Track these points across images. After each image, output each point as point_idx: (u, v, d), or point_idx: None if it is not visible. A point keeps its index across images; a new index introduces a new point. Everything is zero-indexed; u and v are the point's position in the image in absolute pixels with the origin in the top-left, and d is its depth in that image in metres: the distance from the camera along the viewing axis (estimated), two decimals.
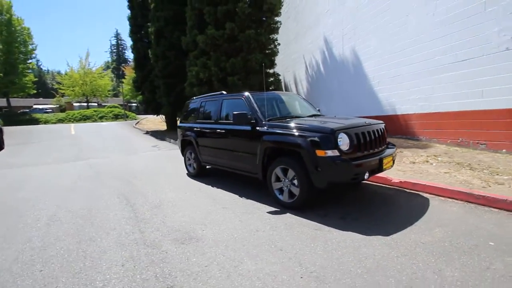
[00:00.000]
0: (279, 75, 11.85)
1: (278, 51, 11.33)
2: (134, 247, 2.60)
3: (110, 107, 31.51)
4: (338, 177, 2.97)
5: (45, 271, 2.27)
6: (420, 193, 3.67)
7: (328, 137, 2.95)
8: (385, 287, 1.84)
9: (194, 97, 5.92)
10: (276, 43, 11.39)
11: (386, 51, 7.44)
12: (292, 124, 3.37)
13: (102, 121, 26.76)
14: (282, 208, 3.39)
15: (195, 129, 5.18)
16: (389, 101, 7.42)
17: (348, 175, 2.95)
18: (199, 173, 5.32)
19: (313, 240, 2.54)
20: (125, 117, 28.94)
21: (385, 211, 3.19)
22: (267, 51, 11.20)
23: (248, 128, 3.90)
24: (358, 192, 3.94)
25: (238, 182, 4.77)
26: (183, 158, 5.87)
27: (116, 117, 28.57)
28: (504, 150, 4.90)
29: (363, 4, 8.26)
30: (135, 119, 27.77)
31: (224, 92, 4.98)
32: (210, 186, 4.66)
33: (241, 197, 3.98)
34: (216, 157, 4.71)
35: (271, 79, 11.60)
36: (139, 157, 8.48)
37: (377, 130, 3.38)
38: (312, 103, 5.58)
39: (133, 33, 17.52)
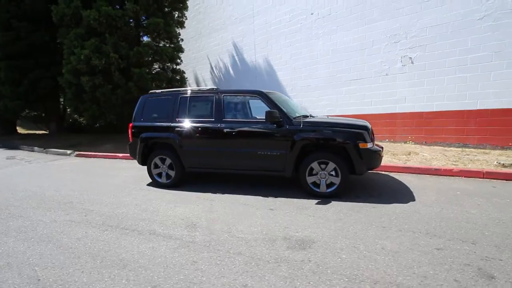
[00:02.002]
0: (184, 72, 11.25)
1: (183, 47, 10.73)
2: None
3: None
4: (374, 164, 3.76)
5: None
6: (382, 172, 5.17)
7: (367, 132, 3.68)
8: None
9: (156, 91, 4.82)
10: (180, 38, 10.77)
11: (298, 65, 9.10)
12: (330, 122, 3.82)
13: None
14: (319, 198, 3.76)
15: (177, 129, 4.33)
16: (303, 105, 9.15)
17: (379, 162, 3.81)
18: (177, 183, 4.49)
19: (378, 212, 3.19)
20: None
21: (374, 188, 4.34)
22: (174, 45, 10.36)
23: (273, 126, 3.92)
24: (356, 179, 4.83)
25: (228, 183, 4.60)
26: (143, 166, 4.72)
27: None
28: (386, 140, 7.60)
29: (274, 22, 9.58)
30: None
31: (215, 87, 4.51)
32: (211, 194, 4.15)
33: (268, 197, 3.93)
34: (215, 160, 4.24)
35: (177, 76, 10.84)
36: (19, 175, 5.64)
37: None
38: None
39: None
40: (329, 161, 3.73)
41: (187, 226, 3.03)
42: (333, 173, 3.76)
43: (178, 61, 10.82)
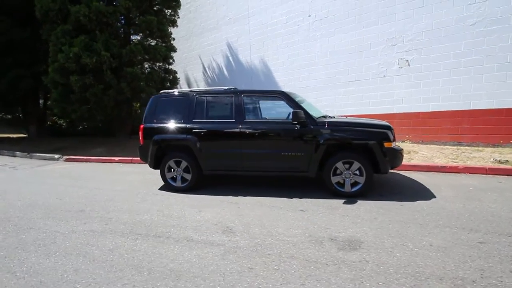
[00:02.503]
0: (176, 72, 10.95)
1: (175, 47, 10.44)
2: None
3: None
4: (397, 163, 3.86)
5: None
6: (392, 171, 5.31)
7: (391, 132, 3.77)
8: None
9: (168, 91, 4.63)
10: (171, 37, 10.47)
11: (296, 66, 9.18)
12: (354, 122, 3.87)
13: None
14: (344, 198, 3.79)
15: (196, 130, 4.17)
16: (275, 109, 9.24)
17: (401, 161, 3.92)
18: (192, 186, 4.32)
19: (408, 210, 3.27)
20: None
21: (392, 186, 4.46)
22: (166, 44, 10.04)
23: (297, 126, 3.90)
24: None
25: (244, 185, 4.52)
26: (155, 170, 4.50)
27: None
28: None
29: (271, 23, 9.59)
30: None
31: (233, 87, 4.40)
32: (232, 197, 4.05)
33: (292, 198, 3.89)
34: (237, 161, 4.13)
35: (170, 76, 10.52)
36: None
37: None
38: None
39: None
40: (354, 160, 3.77)
41: (223, 231, 2.91)
42: (357, 172, 3.80)
43: (171, 60, 10.50)
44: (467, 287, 1.90)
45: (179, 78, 11.42)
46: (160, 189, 4.59)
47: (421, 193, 3.95)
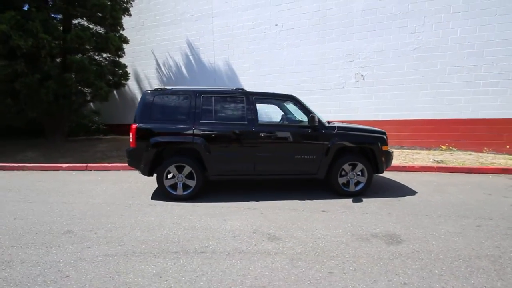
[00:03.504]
0: (126, 66, 9.77)
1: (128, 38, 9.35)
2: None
3: None
4: (389, 164, 4.39)
5: None
6: None
7: (386, 137, 4.27)
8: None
9: (165, 88, 4.09)
10: (123, 27, 9.33)
11: (262, 71, 9.37)
12: (358, 127, 4.23)
13: None
14: (348, 197, 4.10)
15: (204, 132, 3.83)
16: (265, 111, 9.43)
17: (391, 162, 4.46)
18: (195, 194, 3.94)
19: (407, 204, 3.80)
20: None
21: (376, 185, 5.06)
22: (118, 34, 8.88)
23: (309, 130, 4.04)
24: None
25: (244, 190, 4.45)
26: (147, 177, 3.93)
27: None
28: None
29: (237, 26, 9.55)
30: None
31: (240, 88, 4.21)
32: (244, 202, 3.89)
33: (304, 200, 4.00)
34: (249, 165, 3.98)
35: (120, 70, 9.34)
36: None
37: None
38: None
39: None
40: (358, 162, 4.14)
41: (268, 238, 2.78)
42: (359, 173, 4.18)
43: (121, 53, 9.27)
44: (500, 261, 2.36)
45: (129, 73, 10.16)
46: (154, 199, 4.01)
47: (404, 189, 4.60)
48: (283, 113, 5.00)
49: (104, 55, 8.93)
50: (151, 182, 4.92)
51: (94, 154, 7.19)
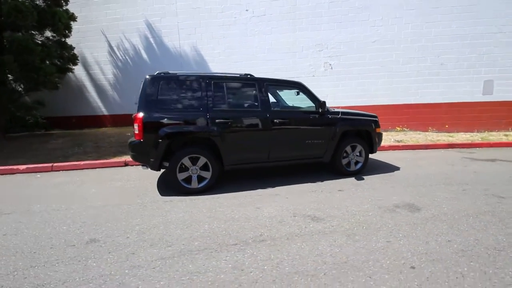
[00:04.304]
0: (74, 48, 8.44)
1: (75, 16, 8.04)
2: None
3: None
4: (380, 144, 4.87)
5: None
6: None
7: (378, 120, 4.73)
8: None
9: (168, 72, 3.68)
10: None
11: (234, 58, 9.13)
12: (356, 112, 4.56)
13: None
14: (349, 176, 4.47)
15: (219, 121, 3.63)
16: None
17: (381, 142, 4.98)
18: (211, 186, 3.77)
19: (401, 178, 4.36)
20: None
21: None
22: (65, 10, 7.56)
23: (316, 115, 4.21)
24: None
25: (251, 178, 4.49)
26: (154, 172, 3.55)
27: None
28: None
29: (204, 9, 9.00)
30: None
31: (249, 74, 4.07)
32: (261, 190, 3.91)
33: (315, 182, 4.20)
34: (263, 153, 3.98)
35: (66, 53, 8.04)
36: None
37: None
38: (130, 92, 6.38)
39: None
40: (357, 144, 4.51)
41: (313, 220, 2.89)
42: (358, 154, 4.58)
43: (68, 32, 7.87)
44: (497, 215, 2.95)
45: (78, 57, 8.72)
46: (164, 195, 3.68)
47: (388, 166, 5.21)
48: (277, 100, 5.05)
49: (48, 34, 7.42)
50: (145, 178, 4.50)
51: (52, 152, 6.07)
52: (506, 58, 8.17)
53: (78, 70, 9.82)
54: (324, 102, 4.14)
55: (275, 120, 3.95)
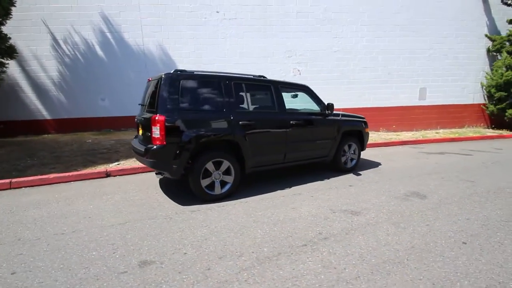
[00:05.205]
0: (10, 38, 6.99)
1: None
2: None
3: None
4: (367, 142, 5.41)
5: None
6: None
7: (366, 121, 5.25)
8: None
9: (186, 70, 3.37)
10: None
11: (205, 60, 8.79)
12: (349, 114, 4.97)
13: None
14: (346, 173, 4.87)
15: (243, 122, 3.51)
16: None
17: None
18: (234, 191, 3.63)
19: (391, 171, 4.96)
20: None
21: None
22: None
23: (322, 117, 4.46)
24: None
25: (261, 180, 4.55)
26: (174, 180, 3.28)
27: None
28: None
29: (171, 6, 8.45)
30: None
31: (262, 76, 4.03)
32: (281, 191, 3.94)
33: (323, 180, 4.42)
34: (281, 154, 4.02)
35: (2, 45, 6.65)
36: None
37: None
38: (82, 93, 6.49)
39: None
40: (352, 143, 4.94)
41: (352, 214, 3.08)
42: (352, 152, 5.01)
43: (4, 20, 6.39)
44: (488, 193, 3.65)
45: (15, 47, 7.12)
46: (185, 204, 3.35)
47: (371, 162, 5.81)
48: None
49: None
50: (145, 188, 4.05)
51: None
52: (436, 70, 10.08)
53: (11, 66, 8.00)
54: (332, 104, 4.42)
55: (291, 122, 4.03)
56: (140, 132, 3.71)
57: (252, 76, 3.98)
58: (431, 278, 1.92)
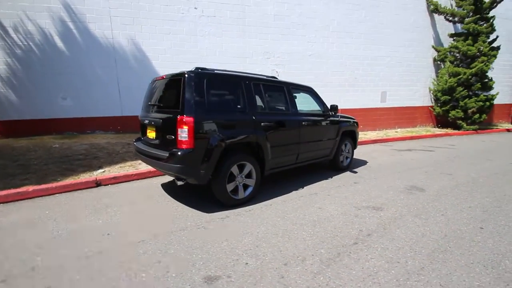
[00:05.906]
0: None
1: None
2: None
3: None
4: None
5: None
6: None
7: (357, 121, 5.62)
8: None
9: (206, 68, 3.16)
10: None
11: (182, 58, 8.34)
12: (344, 115, 5.23)
13: None
14: (343, 171, 5.16)
15: (264, 124, 3.46)
16: None
17: None
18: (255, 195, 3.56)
19: (381, 168, 5.40)
20: None
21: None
22: None
23: (329, 118, 4.65)
24: None
25: (276, 179, 4.62)
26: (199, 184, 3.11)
27: None
28: None
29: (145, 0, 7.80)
30: None
31: (274, 76, 3.99)
32: (295, 191, 3.98)
33: (328, 179, 4.62)
34: (295, 155, 4.08)
35: None
36: None
37: None
38: (43, 90, 7.02)
39: None
40: (347, 142, 5.25)
41: (376, 209, 3.30)
42: (347, 150, 5.32)
43: None
44: (478, 180, 4.23)
45: None
46: (209, 212, 3.15)
47: (359, 160, 6.24)
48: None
49: None
50: (149, 196, 3.73)
51: None
52: (393, 75, 11.28)
53: None
54: (336, 106, 4.63)
55: (303, 122, 4.10)
56: (152, 134, 3.36)
57: (266, 77, 3.94)
58: (480, 261, 2.18)
